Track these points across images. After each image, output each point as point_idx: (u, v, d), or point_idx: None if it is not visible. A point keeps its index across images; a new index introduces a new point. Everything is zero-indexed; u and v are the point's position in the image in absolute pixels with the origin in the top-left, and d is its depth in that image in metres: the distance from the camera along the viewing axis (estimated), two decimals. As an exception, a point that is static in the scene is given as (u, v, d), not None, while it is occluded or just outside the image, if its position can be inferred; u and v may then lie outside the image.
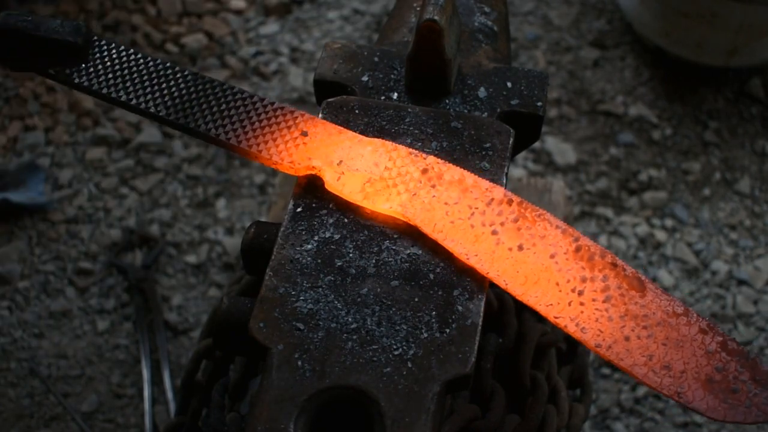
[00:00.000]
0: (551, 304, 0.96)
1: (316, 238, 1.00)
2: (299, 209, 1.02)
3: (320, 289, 0.96)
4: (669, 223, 2.12)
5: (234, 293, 1.39)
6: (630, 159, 2.23)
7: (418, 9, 1.24)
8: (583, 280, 0.97)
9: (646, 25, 2.38)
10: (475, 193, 1.02)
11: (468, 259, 0.98)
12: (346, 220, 1.01)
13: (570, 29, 2.49)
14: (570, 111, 2.32)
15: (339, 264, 0.98)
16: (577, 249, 0.99)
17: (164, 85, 1.10)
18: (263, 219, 2.01)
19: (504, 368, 1.30)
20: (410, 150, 1.05)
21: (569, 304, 0.96)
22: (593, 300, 0.96)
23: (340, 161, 1.03)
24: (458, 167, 1.04)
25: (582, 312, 0.96)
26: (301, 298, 0.95)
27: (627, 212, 2.14)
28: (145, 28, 2.45)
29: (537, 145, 2.22)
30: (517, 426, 1.21)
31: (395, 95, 1.14)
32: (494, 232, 0.99)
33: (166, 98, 1.09)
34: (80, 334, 1.92)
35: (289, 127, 1.06)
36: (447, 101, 1.13)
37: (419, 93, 1.14)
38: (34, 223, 2.08)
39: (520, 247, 0.99)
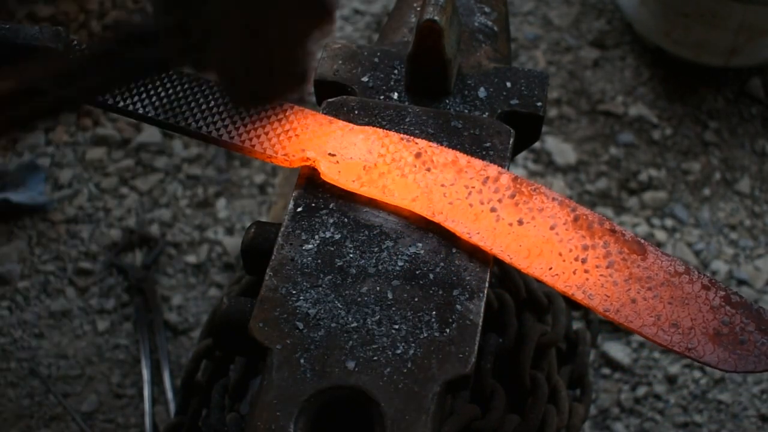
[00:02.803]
0: (557, 274, 0.98)
1: (316, 238, 1.00)
2: (299, 209, 1.02)
3: (320, 288, 0.96)
4: (669, 223, 2.12)
5: (234, 293, 1.39)
6: (630, 159, 2.23)
7: (418, 9, 1.24)
8: (585, 248, 0.99)
9: (646, 25, 2.38)
10: (470, 173, 1.03)
11: (470, 237, 0.99)
12: (346, 220, 1.01)
13: (570, 29, 2.48)
14: (570, 111, 2.32)
15: (339, 264, 0.98)
16: (576, 219, 1.01)
17: (150, 86, 1.10)
18: (263, 219, 2.01)
19: (504, 368, 1.30)
20: (402, 135, 1.06)
21: (574, 272, 0.98)
22: (597, 267, 0.98)
23: (334, 151, 1.04)
24: (450, 149, 1.05)
25: (587, 279, 0.98)
26: (302, 298, 0.95)
27: (627, 212, 2.14)
28: (145, 28, 2.45)
29: (537, 145, 2.22)
30: (517, 426, 1.21)
31: (395, 95, 1.14)
32: (493, 209, 1.01)
33: (154, 99, 1.09)
34: (80, 334, 1.92)
35: (279, 120, 1.07)
36: (447, 101, 1.13)
37: (419, 93, 1.14)
38: (34, 223, 2.08)
39: (520, 222, 1.00)
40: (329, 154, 1.04)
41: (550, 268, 0.98)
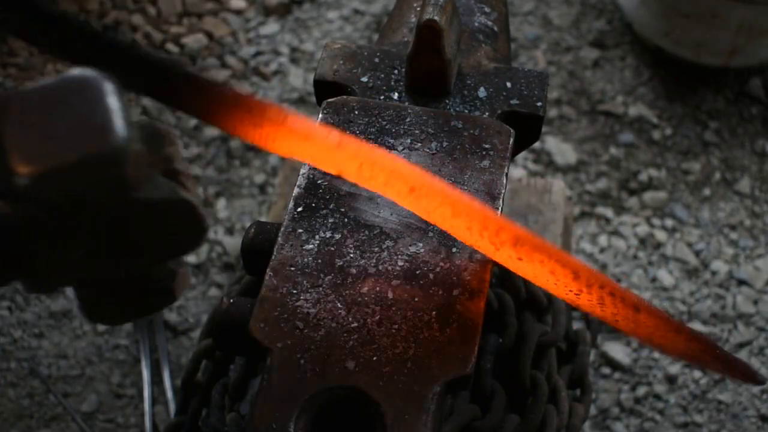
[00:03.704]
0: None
1: (316, 237, 1.00)
2: (299, 209, 1.02)
3: (321, 288, 0.96)
4: (669, 223, 2.12)
5: (234, 293, 1.39)
6: (630, 159, 2.23)
7: (418, 9, 1.24)
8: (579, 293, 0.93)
9: (646, 25, 2.38)
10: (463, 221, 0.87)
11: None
12: (346, 220, 1.01)
13: (570, 29, 2.49)
14: (570, 111, 2.32)
15: (339, 264, 0.98)
16: (576, 276, 0.87)
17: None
18: (263, 219, 2.01)
19: (504, 368, 1.30)
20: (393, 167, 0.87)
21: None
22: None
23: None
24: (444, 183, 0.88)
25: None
26: (302, 297, 0.95)
27: (627, 212, 2.14)
28: (145, 28, 2.45)
29: (537, 145, 2.22)
30: (517, 426, 1.21)
31: (395, 95, 1.14)
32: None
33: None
34: (80, 334, 1.92)
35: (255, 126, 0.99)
36: (447, 101, 1.13)
37: (419, 93, 1.14)
38: (34, 223, 2.08)
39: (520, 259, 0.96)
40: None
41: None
